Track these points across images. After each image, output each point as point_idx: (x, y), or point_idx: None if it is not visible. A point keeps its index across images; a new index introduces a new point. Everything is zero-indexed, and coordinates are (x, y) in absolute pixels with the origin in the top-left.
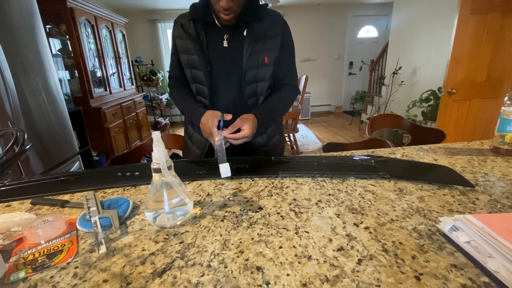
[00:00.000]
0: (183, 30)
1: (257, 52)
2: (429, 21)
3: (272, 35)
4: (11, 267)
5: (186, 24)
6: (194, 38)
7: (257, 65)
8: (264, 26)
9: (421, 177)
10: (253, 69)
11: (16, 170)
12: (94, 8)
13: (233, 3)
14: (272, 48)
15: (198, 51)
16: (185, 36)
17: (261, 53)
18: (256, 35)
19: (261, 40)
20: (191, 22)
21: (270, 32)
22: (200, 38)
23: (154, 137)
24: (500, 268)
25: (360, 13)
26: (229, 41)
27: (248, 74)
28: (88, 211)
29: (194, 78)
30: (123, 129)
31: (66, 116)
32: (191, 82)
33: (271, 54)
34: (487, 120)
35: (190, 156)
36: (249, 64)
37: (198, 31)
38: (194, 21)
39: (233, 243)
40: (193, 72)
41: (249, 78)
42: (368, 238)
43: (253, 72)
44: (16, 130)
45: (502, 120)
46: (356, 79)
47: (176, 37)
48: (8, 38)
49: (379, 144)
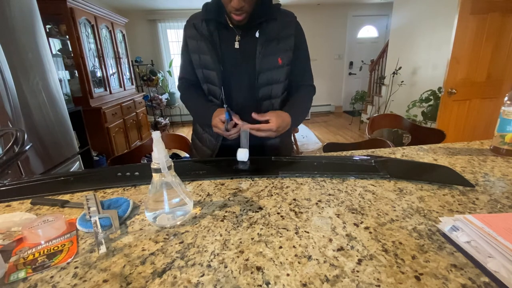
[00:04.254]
0: (195, 30)
1: (270, 53)
2: (429, 21)
3: (285, 36)
4: (11, 267)
5: (199, 24)
6: (207, 38)
7: (270, 67)
8: (277, 27)
9: (422, 177)
10: (266, 71)
11: (16, 170)
12: (94, 8)
13: (245, 3)
14: (286, 49)
15: (211, 50)
16: (198, 36)
17: (275, 54)
18: (269, 36)
19: (274, 41)
20: (204, 22)
21: (283, 33)
22: (212, 38)
23: (154, 137)
24: (500, 268)
25: (360, 13)
26: (241, 43)
27: (261, 77)
28: (88, 211)
29: (206, 78)
30: (123, 129)
31: (66, 116)
32: (203, 82)
33: (285, 55)
34: (487, 120)
35: (200, 157)
36: (262, 66)
37: (210, 31)
38: (207, 21)
39: (233, 243)
40: (205, 72)
41: (263, 81)
42: (368, 238)
43: (267, 75)
44: (16, 130)
45: (502, 120)
46: (356, 79)
47: (188, 37)
48: (8, 38)
49: (379, 144)
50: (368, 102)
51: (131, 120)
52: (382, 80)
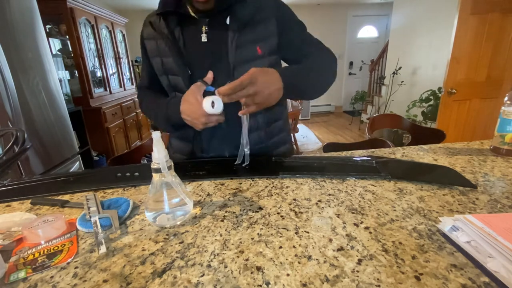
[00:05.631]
0: (153, 29)
1: (246, 42)
2: (429, 21)
3: (263, 19)
4: (11, 267)
5: (157, 22)
6: (166, 37)
7: (248, 58)
8: (251, 9)
9: (423, 178)
10: (243, 64)
11: (16, 170)
12: (94, 8)
13: None
14: (265, 35)
15: (173, 51)
16: (156, 36)
17: (252, 43)
18: (242, 21)
19: (249, 26)
20: (161, 18)
21: (260, 15)
22: (174, 35)
23: (154, 137)
24: (500, 268)
25: (360, 13)
26: (209, 34)
27: (238, 71)
28: (88, 211)
29: (173, 86)
30: (123, 129)
31: (66, 116)
32: (170, 91)
33: (265, 43)
34: (487, 120)
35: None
36: (237, 59)
37: (171, 27)
38: (165, 16)
39: (233, 243)
40: (170, 79)
41: (240, 76)
42: (368, 238)
43: (244, 68)
44: (16, 130)
45: (502, 120)
46: (356, 79)
47: (146, 39)
48: (8, 38)
49: (379, 144)
50: (368, 102)
51: (131, 120)
52: (382, 80)
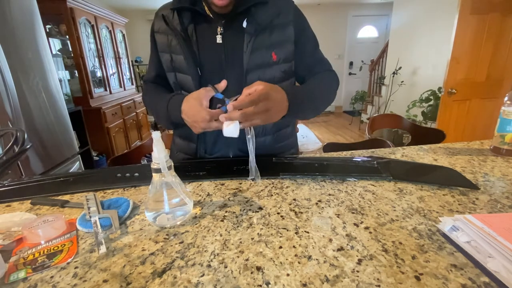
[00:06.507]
0: (165, 23)
1: (261, 47)
2: (429, 21)
3: (281, 24)
4: (11, 267)
5: (170, 16)
6: (179, 33)
7: (262, 64)
8: (269, 14)
9: (425, 179)
10: (257, 69)
11: (16, 170)
12: (94, 8)
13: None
14: (282, 41)
15: (185, 49)
16: (168, 31)
17: (267, 48)
18: (259, 25)
19: (267, 31)
20: (175, 13)
21: (278, 20)
22: (187, 33)
23: (154, 137)
24: (500, 268)
25: (360, 13)
26: (224, 36)
27: (250, 77)
28: (88, 211)
29: (181, 84)
30: (123, 129)
31: (66, 116)
32: (176, 88)
33: (281, 49)
34: (487, 120)
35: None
36: (251, 64)
37: (184, 24)
38: (179, 11)
39: (233, 243)
40: (178, 77)
41: (252, 82)
42: (368, 238)
43: (257, 74)
44: (16, 130)
45: (502, 120)
46: (356, 79)
47: (157, 32)
48: (8, 38)
49: (379, 144)
50: (368, 102)
51: (131, 120)
52: (382, 80)
